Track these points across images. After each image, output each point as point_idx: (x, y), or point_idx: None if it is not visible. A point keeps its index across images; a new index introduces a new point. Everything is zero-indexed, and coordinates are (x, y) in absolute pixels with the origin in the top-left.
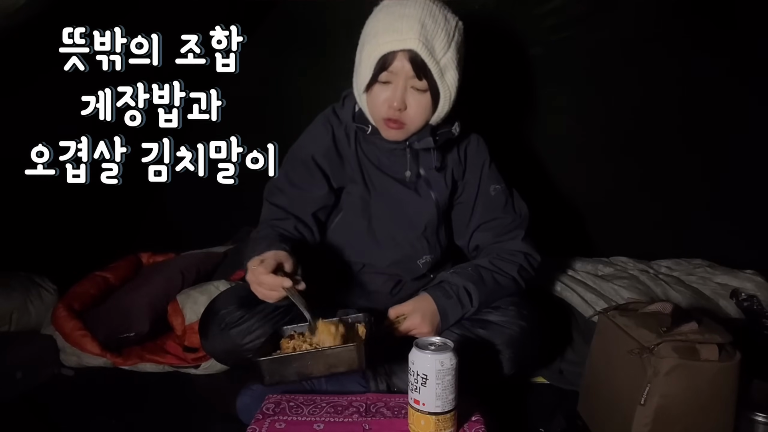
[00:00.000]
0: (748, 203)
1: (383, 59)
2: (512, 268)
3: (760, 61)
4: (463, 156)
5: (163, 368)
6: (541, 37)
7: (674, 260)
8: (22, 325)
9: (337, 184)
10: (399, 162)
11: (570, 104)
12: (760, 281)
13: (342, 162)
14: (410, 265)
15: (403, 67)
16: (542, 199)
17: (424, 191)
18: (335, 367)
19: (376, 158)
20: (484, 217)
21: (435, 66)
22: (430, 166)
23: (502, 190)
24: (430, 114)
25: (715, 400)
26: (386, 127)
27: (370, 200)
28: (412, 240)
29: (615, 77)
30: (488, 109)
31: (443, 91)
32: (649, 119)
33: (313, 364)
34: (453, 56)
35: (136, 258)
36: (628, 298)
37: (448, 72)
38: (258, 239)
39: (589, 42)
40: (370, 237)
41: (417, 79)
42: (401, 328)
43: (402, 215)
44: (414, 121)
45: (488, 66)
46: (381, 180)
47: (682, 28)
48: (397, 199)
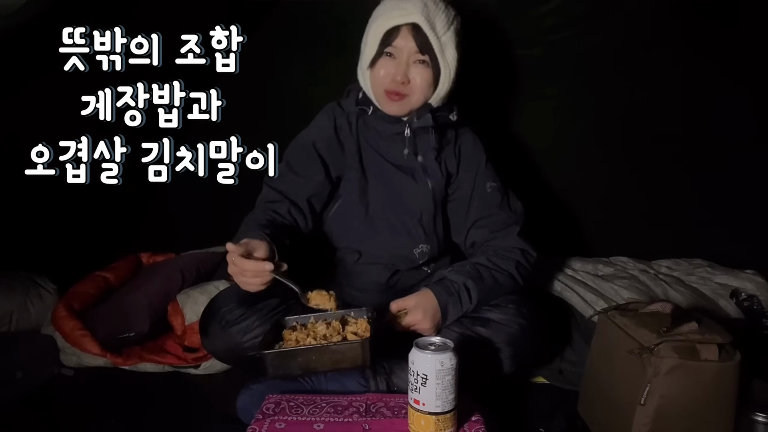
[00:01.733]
0: (747, 203)
1: (388, 34)
2: (510, 265)
3: (760, 61)
4: (458, 152)
5: (163, 368)
6: (540, 37)
7: (674, 260)
8: (22, 325)
9: (336, 173)
10: (398, 146)
11: (569, 104)
12: (760, 281)
13: (342, 150)
14: (407, 254)
15: (407, 41)
16: (542, 200)
17: (420, 178)
18: (340, 363)
19: (376, 143)
20: (481, 213)
21: (436, 41)
22: (428, 150)
23: (498, 188)
24: (431, 90)
25: (715, 400)
26: (388, 99)
27: (368, 186)
28: (409, 227)
29: (615, 77)
30: (488, 109)
31: (443, 67)
32: (649, 119)
33: (318, 359)
34: (452, 37)
35: (136, 258)
36: (628, 298)
37: (448, 49)
38: (241, 228)
39: (589, 42)
40: (368, 223)
41: (420, 53)
42: (403, 323)
43: (399, 201)
44: (416, 93)
45: (488, 66)
46: (379, 165)
47: (680, 28)
48: (394, 184)
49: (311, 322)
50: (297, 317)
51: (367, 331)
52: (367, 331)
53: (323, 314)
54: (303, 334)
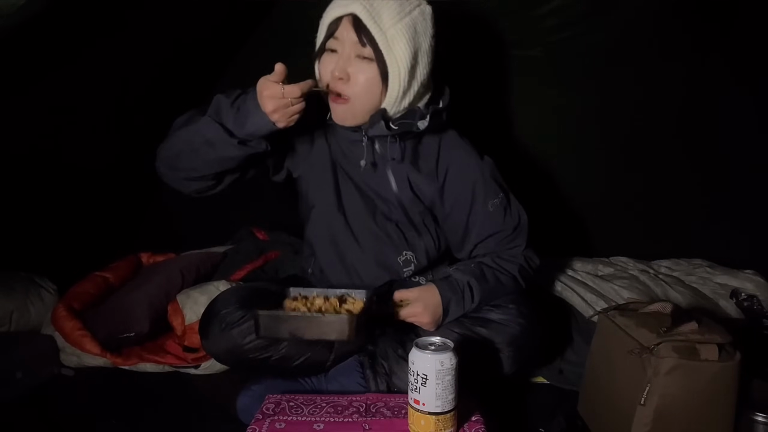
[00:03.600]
0: (747, 203)
1: (331, 27)
2: (513, 268)
3: (760, 61)
4: (443, 174)
5: (163, 368)
6: (540, 37)
7: (674, 260)
8: (22, 325)
9: (292, 165)
10: (358, 151)
11: (569, 104)
12: (760, 281)
13: (311, 149)
14: (391, 263)
15: (348, 34)
16: (542, 200)
17: (385, 185)
18: (326, 335)
19: (341, 148)
20: (486, 231)
21: (380, 33)
22: (388, 159)
23: (500, 202)
24: (378, 91)
25: (715, 400)
26: (332, 103)
27: (341, 193)
28: (390, 233)
29: (615, 77)
30: (488, 109)
31: (391, 64)
32: (649, 119)
33: (306, 327)
34: (406, 30)
35: (136, 258)
36: (628, 298)
37: (398, 44)
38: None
39: (589, 42)
40: (348, 232)
41: (360, 45)
42: (402, 313)
43: (375, 207)
44: (359, 95)
45: (488, 66)
46: (349, 171)
47: (681, 28)
48: (365, 192)
49: (313, 296)
50: (301, 289)
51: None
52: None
53: (325, 291)
54: (301, 304)
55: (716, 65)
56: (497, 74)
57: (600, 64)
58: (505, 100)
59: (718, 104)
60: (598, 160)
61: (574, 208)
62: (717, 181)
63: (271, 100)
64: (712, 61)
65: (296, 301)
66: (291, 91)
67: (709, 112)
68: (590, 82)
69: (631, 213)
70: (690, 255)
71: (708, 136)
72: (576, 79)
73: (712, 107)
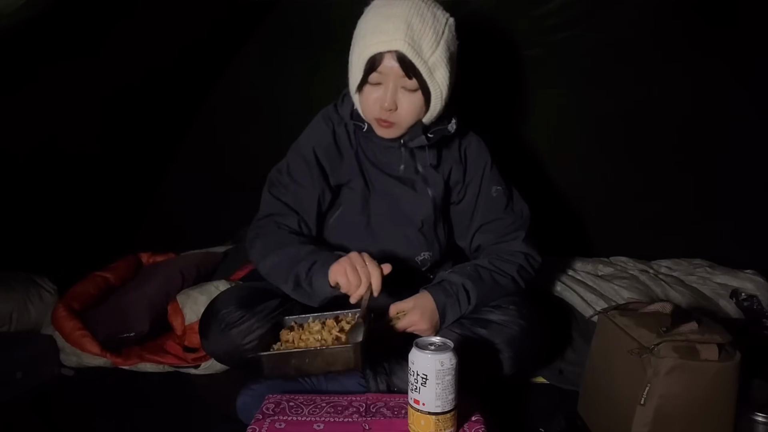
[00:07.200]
0: (747, 203)
1: (372, 60)
2: (512, 268)
3: (760, 61)
4: (463, 156)
5: (163, 368)
6: (541, 37)
7: (674, 260)
8: (22, 325)
9: (335, 182)
10: (395, 158)
11: (570, 104)
12: (760, 281)
13: (341, 158)
14: (408, 263)
15: (392, 67)
16: (542, 199)
17: (420, 187)
18: (333, 366)
19: (374, 154)
20: (486, 218)
21: (423, 65)
22: (426, 164)
23: (503, 191)
24: (423, 112)
25: (715, 400)
26: (379, 126)
27: (370, 197)
28: (410, 236)
29: (615, 77)
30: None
31: (434, 89)
32: (649, 119)
33: (311, 362)
34: (443, 54)
35: (136, 258)
36: (628, 298)
37: (438, 70)
38: (274, 252)
39: (589, 42)
40: (369, 234)
41: (407, 79)
42: (400, 324)
43: (400, 212)
44: (405, 120)
45: (488, 66)
46: (379, 177)
47: (681, 28)
48: (394, 195)
49: (308, 323)
50: (295, 317)
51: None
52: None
53: (320, 315)
54: (299, 334)
55: (716, 65)
56: (497, 74)
57: (600, 64)
58: (505, 100)
59: (719, 104)
60: (598, 159)
61: (574, 208)
62: (717, 181)
63: (346, 285)
64: (712, 62)
65: (293, 331)
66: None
67: (710, 112)
68: (590, 82)
69: (631, 213)
70: (690, 255)
71: (708, 136)
72: (576, 79)
73: (712, 107)
